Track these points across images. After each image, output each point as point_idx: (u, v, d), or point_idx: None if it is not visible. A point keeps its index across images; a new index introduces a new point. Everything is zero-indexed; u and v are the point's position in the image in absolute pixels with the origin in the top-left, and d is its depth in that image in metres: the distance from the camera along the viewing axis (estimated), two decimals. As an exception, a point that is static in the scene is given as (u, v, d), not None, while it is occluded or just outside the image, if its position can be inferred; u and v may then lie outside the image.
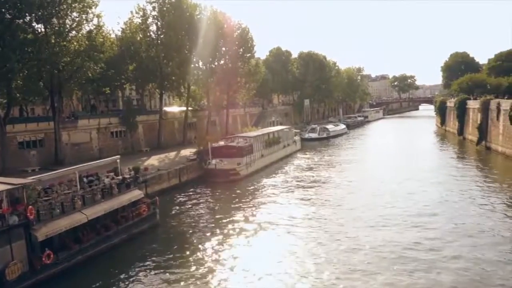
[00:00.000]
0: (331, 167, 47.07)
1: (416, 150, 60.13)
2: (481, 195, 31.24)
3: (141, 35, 52.72)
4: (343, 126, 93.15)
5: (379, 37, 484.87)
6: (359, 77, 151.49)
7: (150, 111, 61.88)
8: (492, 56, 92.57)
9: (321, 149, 63.44)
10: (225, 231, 25.09)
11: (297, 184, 38.13)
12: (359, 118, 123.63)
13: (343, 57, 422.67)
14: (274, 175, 43.52)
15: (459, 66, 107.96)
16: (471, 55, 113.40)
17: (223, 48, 57.21)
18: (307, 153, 59.96)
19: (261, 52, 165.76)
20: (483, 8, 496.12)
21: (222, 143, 45.50)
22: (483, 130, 56.92)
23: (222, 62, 59.10)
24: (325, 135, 79.01)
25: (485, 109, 56.31)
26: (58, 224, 19.65)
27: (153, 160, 42.81)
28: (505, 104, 48.76)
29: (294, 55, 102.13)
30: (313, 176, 41.50)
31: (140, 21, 51.89)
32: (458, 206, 28.38)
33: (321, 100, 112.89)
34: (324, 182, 38.66)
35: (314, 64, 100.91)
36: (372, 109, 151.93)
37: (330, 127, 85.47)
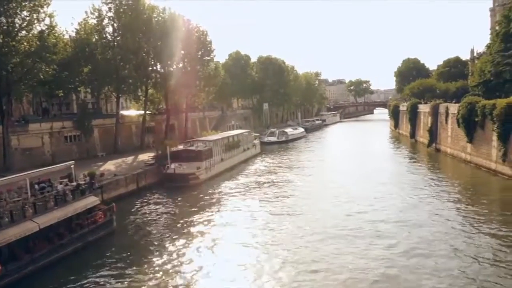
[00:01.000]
0: (290, 170, 47.71)
1: (371, 152, 62.18)
2: (430, 195, 32.79)
3: (96, 37, 51.20)
4: (301, 130, 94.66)
5: (336, 43, 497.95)
6: (316, 82, 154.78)
7: (106, 115, 60.16)
8: (441, 63, 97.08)
9: (280, 153, 64.17)
10: (184, 236, 24.82)
11: (257, 188, 38.36)
12: (317, 122, 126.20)
13: (301, 62, 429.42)
14: (234, 179, 43.53)
15: (410, 72, 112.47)
16: (421, 61, 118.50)
17: (182, 51, 56.64)
18: (266, 156, 60.48)
19: (221, 56, 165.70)
20: (433, 17, 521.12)
21: (181, 147, 45.04)
22: (433, 133, 59.69)
23: (181, 65, 58.46)
24: (284, 139, 79.98)
25: (435, 113, 59.08)
26: (7, 234, 18.70)
27: (110, 165, 41.65)
28: (452, 108, 51.36)
29: (253, 59, 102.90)
30: (272, 179, 41.89)
31: (95, 22, 50.44)
32: (409, 204, 29.70)
33: (280, 104, 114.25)
34: (284, 185, 39.12)
35: (273, 69, 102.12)
36: (329, 113, 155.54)
37: (289, 130, 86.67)
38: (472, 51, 77.14)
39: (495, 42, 57.01)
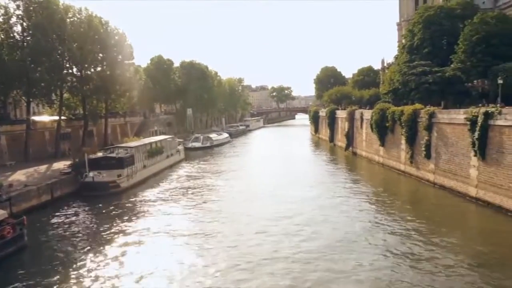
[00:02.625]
0: (215, 175, 47.73)
1: (294, 156, 64.45)
2: (347, 195, 34.99)
3: (2, 36, 47.07)
4: (226, 135, 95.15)
5: (259, 50, 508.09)
6: (240, 88, 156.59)
7: (15, 121, 55.33)
8: (356, 71, 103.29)
9: (205, 158, 63.91)
10: (104, 248, 23.70)
11: (181, 194, 37.87)
12: (241, 127, 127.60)
13: (225, 68, 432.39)
14: (157, 185, 42.52)
15: (328, 79, 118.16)
16: (338, 70, 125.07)
17: (100, 54, 54.13)
18: (191, 162, 59.90)
19: (143, 60, 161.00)
20: (349, 29, 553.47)
21: (100, 154, 43.10)
22: (350, 137, 63.36)
23: (99, 68, 55.83)
24: (208, 144, 79.81)
25: (351, 118, 62.79)
26: None
27: (20, 175, 38.42)
28: (367, 114, 54.99)
29: (176, 64, 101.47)
30: (197, 185, 41.61)
31: (1, 20, 46.38)
32: (327, 204, 31.32)
33: (204, 109, 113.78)
34: (208, 190, 39.08)
35: (196, 74, 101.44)
36: (253, 118, 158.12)
37: (213, 136, 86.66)
38: (382, 62, 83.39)
39: (402, 53, 62.07)
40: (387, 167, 47.17)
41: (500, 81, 38.38)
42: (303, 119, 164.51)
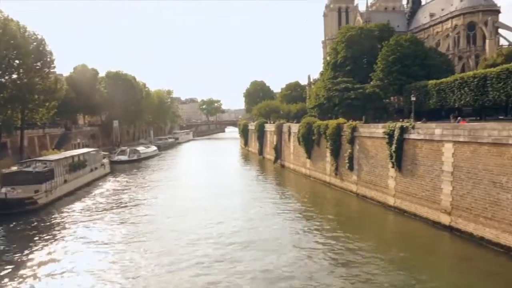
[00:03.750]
0: (142, 189, 46.27)
1: (223, 169, 64.62)
2: (275, 206, 35.87)
3: None
4: (154, 148, 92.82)
5: (189, 62, 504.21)
6: (169, 100, 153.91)
7: None
8: (284, 86, 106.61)
9: (132, 172, 61.73)
10: (18, 272, 21.76)
11: (105, 210, 36.13)
12: (170, 140, 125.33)
13: (153, 79, 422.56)
14: (79, 201, 40.18)
15: (258, 93, 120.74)
16: (267, 84, 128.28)
17: (16, 61, 50.39)
18: (117, 176, 57.46)
19: (65, 68, 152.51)
20: (277, 44, 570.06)
21: (15, 168, 39.80)
22: (278, 150, 64.90)
23: (15, 76, 51.86)
24: (135, 157, 77.27)
25: (279, 132, 64.43)
26: None
27: None
28: (294, 127, 56.78)
29: (102, 73, 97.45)
30: (122, 200, 40.02)
31: None
32: (255, 215, 31.84)
33: (131, 121, 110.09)
34: (135, 205, 37.71)
35: (123, 84, 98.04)
36: (182, 131, 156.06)
37: (141, 149, 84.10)
38: (309, 77, 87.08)
39: (327, 70, 65.25)
40: (314, 179, 48.89)
41: (413, 98, 41.76)
42: (233, 132, 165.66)
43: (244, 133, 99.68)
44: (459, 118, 38.20)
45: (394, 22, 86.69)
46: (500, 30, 78.04)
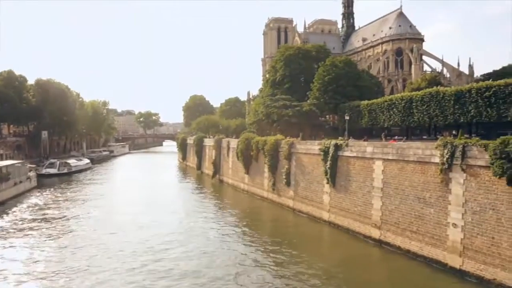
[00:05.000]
0: (71, 204, 43.79)
1: (160, 183, 63.05)
2: (212, 221, 35.83)
3: None
4: (87, 161, 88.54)
5: (125, 73, 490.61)
6: (105, 111, 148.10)
7: None
8: (223, 101, 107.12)
9: (61, 186, 58.25)
10: None
11: (29, 227, 33.67)
12: (104, 153, 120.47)
13: (88, 89, 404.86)
14: None
15: (197, 107, 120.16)
16: (207, 99, 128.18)
17: None
18: (44, 190, 53.86)
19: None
20: (218, 59, 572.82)
21: None
22: (217, 165, 64.66)
23: None
24: (66, 171, 73.12)
25: (218, 147, 64.34)
26: None
27: None
28: (233, 142, 57.02)
29: (31, 81, 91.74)
30: (49, 216, 37.64)
31: None
32: (191, 229, 31.44)
33: (62, 132, 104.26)
34: (62, 222, 35.64)
35: (54, 93, 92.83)
36: (118, 143, 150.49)
37: (72, 161, 79.81)
38: (248, 94, 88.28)
39: (266, 87, 66.64)
40: (252, 194, 49.19)
41: (346, 117, 43.76)
42: (171, 146, 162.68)
43: (183, 147, 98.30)
44: (396, 137, 40.80)
45: (330, 44, 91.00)
46: (424, 57, 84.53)
